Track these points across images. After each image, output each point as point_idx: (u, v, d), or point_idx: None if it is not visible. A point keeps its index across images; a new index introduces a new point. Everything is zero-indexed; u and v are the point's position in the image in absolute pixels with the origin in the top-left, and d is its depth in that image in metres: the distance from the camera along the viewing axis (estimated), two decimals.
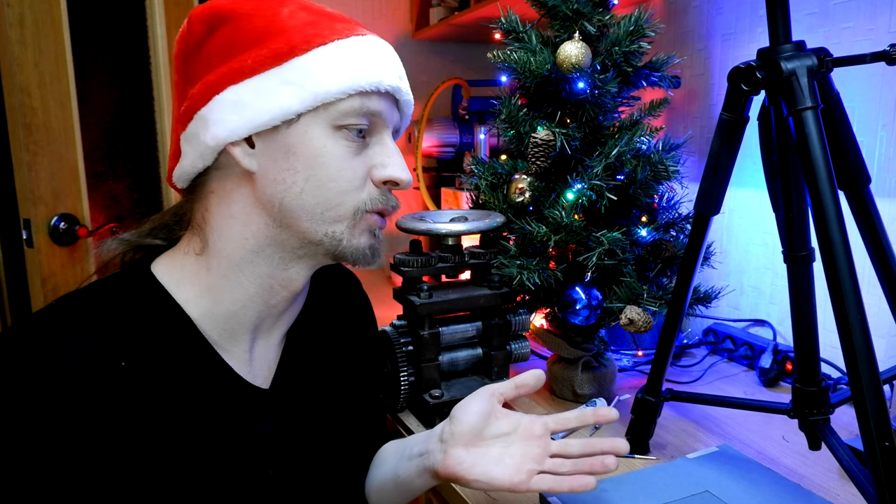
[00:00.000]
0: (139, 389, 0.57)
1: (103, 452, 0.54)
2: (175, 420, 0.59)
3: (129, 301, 0.61)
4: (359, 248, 0.65)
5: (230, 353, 0.65)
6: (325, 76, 0.60)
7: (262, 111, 0.60)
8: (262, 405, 0.67)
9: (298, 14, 0.62)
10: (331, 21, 0.63)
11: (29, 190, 1.44)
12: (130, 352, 0.58)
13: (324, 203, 0.62)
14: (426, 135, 1.87)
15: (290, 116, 0.60)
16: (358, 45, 0.63)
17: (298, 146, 0.61)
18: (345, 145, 0.62)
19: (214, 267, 0.63)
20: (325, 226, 0.63)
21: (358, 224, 0.65)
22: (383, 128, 0.66)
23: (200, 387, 0.62)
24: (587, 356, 1.09)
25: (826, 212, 0.65)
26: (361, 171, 0.64)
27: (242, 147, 0.62)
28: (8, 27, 1.37)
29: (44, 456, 0.52)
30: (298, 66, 0.60)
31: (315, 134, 0.61)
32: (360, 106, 0.62)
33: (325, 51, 0.61)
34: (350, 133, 0.62)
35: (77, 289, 0.62)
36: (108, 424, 0.55)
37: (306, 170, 0.61)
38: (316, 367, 0.74)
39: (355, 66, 0.61)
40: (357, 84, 0.61)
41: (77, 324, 0.57)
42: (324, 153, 0.61)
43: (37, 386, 0.53)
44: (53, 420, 0.53)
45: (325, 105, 0.61)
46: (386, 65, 0.64)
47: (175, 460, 0.58)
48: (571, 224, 0.99)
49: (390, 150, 0.66)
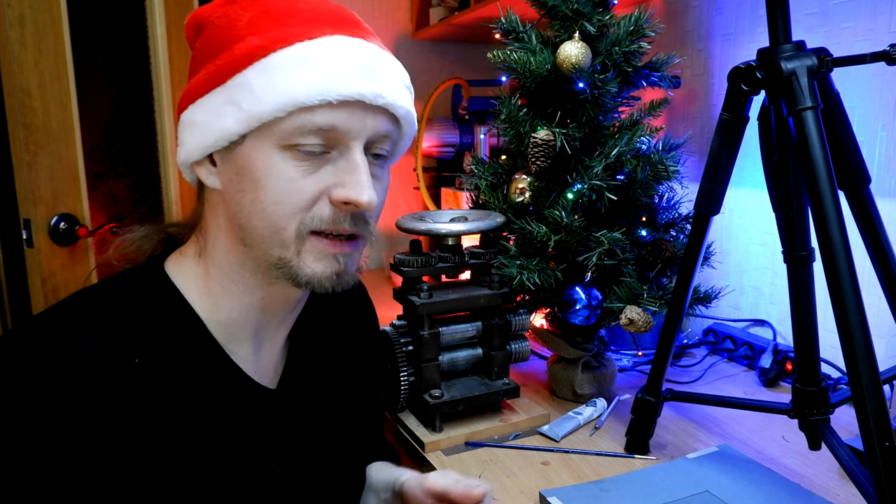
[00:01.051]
0: (151, 387, 0.57)
1: (115, 448, 0.54)
2: (185, 418, 0.59)
3: (143, 299, 0.61)
4: (312, 275, 0.60)
5: (237, 354, 0.65)
6: (263, 94, 0.55)
7: (208, 132, 0.58)
8: (270, 405, 0.67)
9: (259, 20, 0.58)
10: (286, 25, 0.57)
11: (29, 190, 1.44)
12: (143, 349, 0.58)
13: (270, 226, 0.58)
14: (426, 135, 1.87)
15: (234, 138, 0.58)
16: (304, 54, 0.56)
17: (245, 167, 0.58)
18: (293, 166, 0.57)
19: (212, 273, 0.64)
20: (276, 249, 0.59)
21: (306, 249, 0.59)
22: (350, 141, 0.58)
23: (211, 386, 0.62)
24: (587, 356, 1.09)
25: (826, 212, 0.65)
26: (312, 190, 0.58)
27: (206, 166, 0.61)
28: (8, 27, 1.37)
29: (57, 450, 0.52)
30: (240, 84, 0.56)
31: (259, 155, 0.57)
32: (305, 123, 0.56)
33: (264, 64, 0.56)
34: (301, 153, 0.57)
35: (91, 285, 0.63)
36: (120, 420, 0.55)
37: (252, 191, 0.58)
38: (321, 369, 0.74)
39: (296, 79, 0.55)
40: (295, 101, 0.55)
41: (92, 320, 0.57)
42: (267, 175, 0.57)
43: (52, 381, 0.53)
44: (67, 415, 0.53)
45: (267, 125, 0.56)
46: (342, 70, 0.56)
47: (184, 458, 0.59)
48: (571, 224, 0.99)
49: (352, 166, 0.58)
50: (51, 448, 0.52)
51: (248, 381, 0.65)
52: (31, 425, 0.52)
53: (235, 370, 0.64)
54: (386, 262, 2.04)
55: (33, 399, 0.52)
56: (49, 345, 0.55)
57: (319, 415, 0.73)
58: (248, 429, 0.64)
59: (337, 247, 0.60)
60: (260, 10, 0.59)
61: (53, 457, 0.52)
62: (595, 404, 1.06)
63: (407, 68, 0.67)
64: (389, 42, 2.07)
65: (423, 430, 0.99)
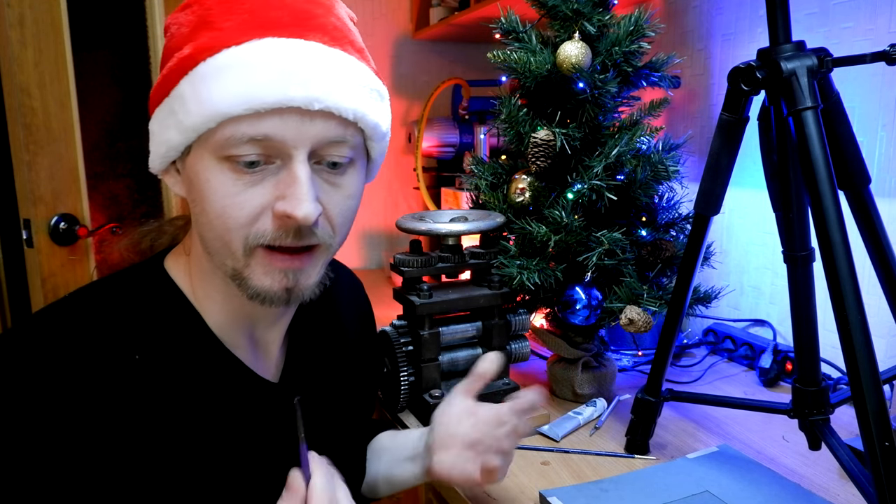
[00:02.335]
0: (152, 382, 0.57)
1: (117, 443, 0.54)
2: (188, 413, 0.59)
3: (143, 295, 0.62)
4: (261, 288, 0.58)
5: (236, 347, 0.65)
6: (192, 105, 0.54)
7: (160, 144, 0.59)
8: (272, 399, 0.67)
9: (195, 27, 0.56)
10: (218, 29, 0.55)
11: (29, 190, 1.44)
12: (143, 346, 0.58)
13: (218, 239, 0.57)
14: (426, 135, 1.87)
15: (179, 149, 0.57)
16: (230, 60, 0.53)
17: (191, 179, 0.58)
18: (232, 179, 0.55)
19: (196, 274, 0.64)
20: (228, 261, 0.58)
21: (253, 263, 0.57)
22: (289, 150, 0.55)
23: (213, 381, 0.62)
24: (587, 356, 1.09)
25: (826, 212, 0.65)
26: (253, 205, 0.55)
27: (172, 174, 0.62)
28: (8, 27, 1.37)
29: (58, 446, 0.52)
30: (176, 95, 0.56)
31: (200, 168, 0.56)
32: (235, 133, 0.53)
33: (194, 74, 0.54)
34: (237, 164, 0.55)
35: (91, 282, 0.63)
36: (121, 416, 0.55)
37: (199, 203, 0.57)
38: (320, 363, 0.75)
39: (220, 88, 0.53)
40: (219, 110, 0.53)
41: (92, 317, 0.58)
42: (208, 188, 0.56)
43: (52, 377, 0.53)
44: (68, 411, 0.53)
45: (203, 136, 0.55)
46: (269, 76, 0.53)
47: (188, 452, 0.59)
48: (571, 224, 0.99)
49: (291, 178, 0.55)
50: (52, 444, 0.52)
51: (250, 375, 0.65)
52: (32, 421, 0.52)
53: (237, 365, 0.64)
54: (386, 262, 2.04)
55: (34, 395, 0.52)
56: (49, 341, 0.55)
57: (321, 407, 0.73)
58: (251, 422, 0.65)
59: (286, 262, 0.58)
60: (200, 15, 0.57)
61: (55, 452, 0.52)
62: (595, 404, 1.06)
63: (407, 68, 0.66)
64: (389, 42, 2.07)
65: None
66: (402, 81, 2.10)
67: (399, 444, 0.85)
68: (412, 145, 1.91)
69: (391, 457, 0.84)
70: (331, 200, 0.59)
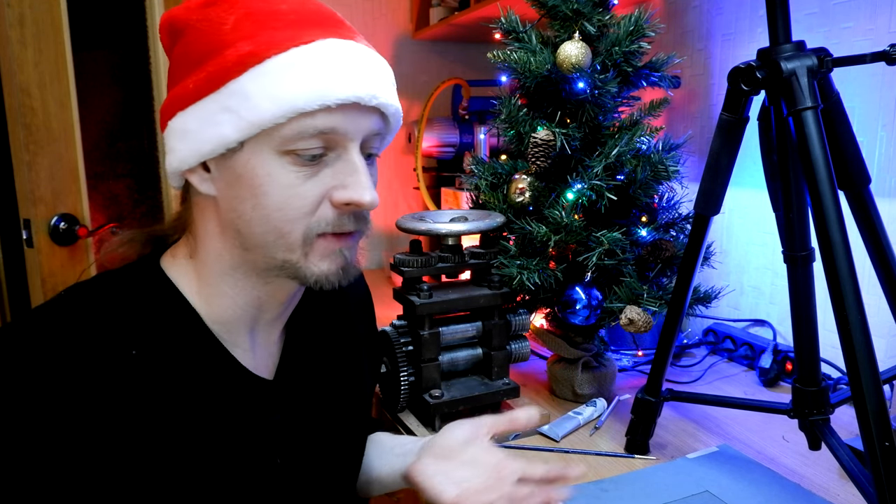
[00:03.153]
0: (149, 379, 0.57)
1: (113, 440, 0.55)
2: (184, 410, 0.59)
3: (139, 292, 0.61)
4: (320, 274, 0.61)
5: (234, 346, 0.65)
6: (260, 101, 0.55)
7: (204, 141, 0.58)
8: (268, 396, 0.67)
9: (243, 23, 0.57)
10: (275, 29, 0.57)
11: (29, 190, 1.44)
12: (140, 342, 0.58)
13: (272, 231, 0.59)
14: (426, 135, 1.87)
15: (232, 145, 0.57)
16: (298, 59, 0.56)
17: (244, 174, 0.58)
18: (293, 171, 0.57)
19: (203, 274, 0.64)
20: (281, 252, 0.60)
21: (313, 250, 0.60)
22: (347, 142, 0.59)
23: (208, 378, 0.62)
24: (587, 356, 1.09)
25: (826, 212, 0.65)
26: (314, 195, 0.59)
27: (199, 173, 0.61)
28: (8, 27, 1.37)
29: (54, 443, 0.52)
30: (235, 91, 0.56)
31: (258, 162, 0.57)
32: (306, 128, 0.56)
33: (259, 71, 0.55)
34: (299, 158, 0.57)
35: (87, 279, 0.63)
36: (117, 412, 0.55)
37: (252, 199, 0.58)
38: (317, 358, 0.75)
39: (293, 85, 0.55)
40: (294, 107, 0.55)
41: (88, 313, 0.58)
42: (268, 182, 0.57)
43: (48, 373, 0.53)
44: (64, 407, 0.53)
45: (266, 131, 0.56)
46: (338, 73, 0.56)
47: (184, 449, 0.59)
48: (571, 224, 0.99)
49: (352, 167, 0.59)
50: (48, 440, 0.52)
51: (245, 373, 0.65)
52: (28, 417, 0.52)
53: (232, 362, 0.65)
54: (386, 262, 2.04)
55: (29, 391, 0.52)
56: (46, 337, 0.55)
57: (317, 403, 0.73)
58: (247, 419, 0.65)
59: (340, 241, 0.61)
60: (242, 12, 0.57)
61: (51, 449, 0.52)
62: (595, 404, 1.06)
63: (407, 68, 0.68)
64: (389, 42, 2.07)
65: (423, 430, 0.99)
66: (402, 81, 2.09)
67: (396, 442, 0.84)
68: (412, 145, 1.91)
69: (382, 451, 0.84)
70: None
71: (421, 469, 0.71)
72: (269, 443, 0.66)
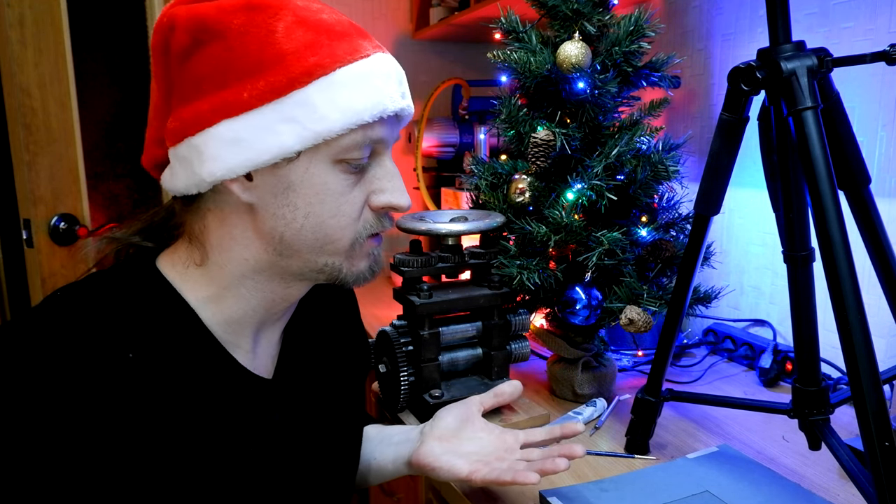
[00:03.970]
0: (147, 381, 0.57)
1: (111, 442, 0.54)
2: (183, 410, 0.59)
3: (135, 294, 0.61)
4: (359, 273, 0.66)
5: (233, 346, 0.65)
6: (328, 112, 0.56)
7: (261, 150, 0.57)
8: (267, 395, 0.68)
9: (295, 32, 0.57)
10: (331, 40, 0.58)
11: (29, 190, 1.44)
12: (138, 344, 0.58)
13: (323, 238, 0.62)
14: (426, 135, 1.87)
15: (290, 155, 0.58)
16: (362, 71, 0.58)
17: (299, 183, 0.59)
18: (343, 179, 0.61)
19: (216, 279, 0.63)
20: (325, 257, 0.63)
21: (356, 252, 0.65)
22: (384, 150, 0.64)
23: (207, 378, 0.62)
24: (587, 356, 1.09)
25: (826, 212, 0.64)
26: (360, 200, 0.63)
27: (240, 182, 0.59)
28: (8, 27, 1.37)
29: (52, 445, 0.52)
30: (299, 101, 0.56)
31: (316, 171, 0.59)
32: (363, 138, 0.59)
33: (326, 82, 0.57)
34: (350, 166, 0.60)
35: (79, 279, 0.62)
36: (116, 414, 0.55)
37: (306, 206, 0.60)
38: (311, 359, 0.76)
39: (359, 97, 0.58)
40: (360, 118, 0.58)
41: (84, 315, 0.57)
42: (324, 190, 0.60)
43: (45, 376, 0.53)
44: (62, 410, 0.53)
45: (326, 141, 0.58)
46: (390, 87, 0.60)
47: (183, 450, 0.59)
48: (571, 224, 0.99)
49: (389, 173, 0.64)
50: (46, 442, 0.52)
51: (244, 373, 0.66)
52: (25, 420, 0.52)
53: (231, 362, 0.65)
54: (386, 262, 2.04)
55: (26, 394, 0.52)
56: (41, 340, 0.55)
57: (315, 401, 0.74)
58: (246, 419, 0.65)
59: (375, 241, 0.67)
60: (291, 20, 0.57)
61: (48, 451, 0.52)
62: (595, 404, 1.06)
63: (407, 68, 0.68)
64: (389, 42, 2.07)
65: None
66: None
67: (388, 431, 0.86)
68: (412, 145, 1.91)
69: (378, 442, 0.85)
70: None
71: (427, 451, 0.75)
72: (268, 442, 0.66)
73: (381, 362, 1.03)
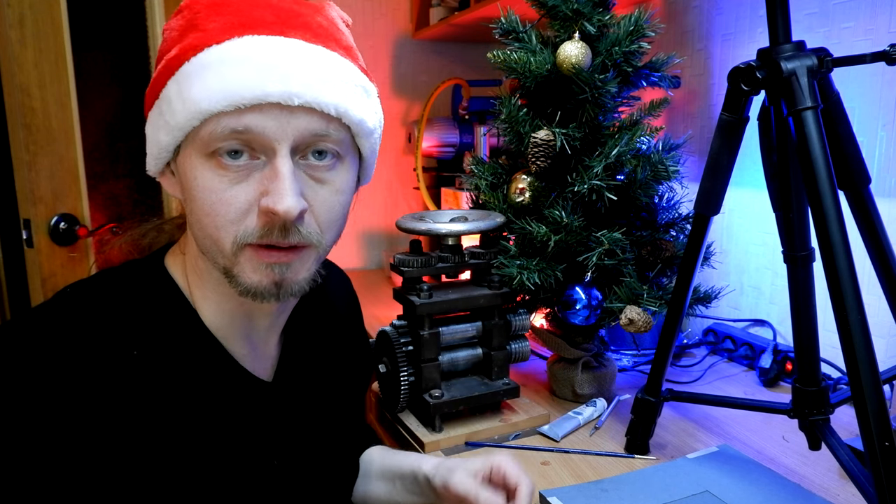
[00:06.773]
0: (150, 378, 0.57)
1: (112, 439, 0.55)
2: (183, 410, 0.59)
3: (141, 292, 0.62)
4: (250, 285, 0.58)
5: (233, 348, 0.65)
6: (177, 104, 0.55)
7: (153, 146, 0.60)
8: (267, 397, 0.68)
9: (183, 30, 0.57)
10: (203, 31, 0.56)
11: (29, 190, 1.44)
12: (142, 342, 0.58)
13: (207, 237, 0.58)
14: (426, 135, 1.87)
15: (169, 150, 0.58)
16: (208, 59, 0.54)
17: (183, 179, 0.59)
18: (219, 174, 0.55)
19: (192, 273, 0.64)
20: (220, 259, 0.58)
21: (241, 260, 0.57)
22: (273, 144, 0.55)
23: (208, 379, 0.62)
24: (587, 356, 1.09)
25: (826, 212, 0.64)
26: (241, 201, 0.56)
27: (168, 176, 0.62)
28: (8, 27, 1.37)
29: (54, 441, 0.53)
30: (164, 96, 0.57)
31: (189, 166, 0.57)
32: (216, 128, 0.54)
33: (178, 75, 0.56)
34: (222, 161, 0.55)
35: (89, 277, 0.63)
36: (117, 412, 0.55)
37: (189, 203, 0.58)
38: (313, 362, 0.75)
39: (200, 86, 0.54)
40: (199, 108, 0.54)
41: (91, 312, 0.58)
42: (196, 185, 0.56)
43: (49, 371, 0.53)
44: (64, 406, 0.53)
45: (190, 135, 0.56)
46: (247, 72, 0.53)
47: (183, 450, 0.59)
48: (571, 224, 0.99)
49: (273, 172, 0.55)
50: (47, 439, 0.52)
51: (244, 374, 0.66)
52: (28, 416, 0.52)
53: (232, 363, 0.65)
54: (386, 262, 2.04)
55: (30, 390, 0.52)
56: (47, 336, 0.55)
57: (314, 405, 0.74)
58: (245, 421, 0.65)
59: (272, 257, 0.57)
60: (188, 18, 0.58)
61: (49, 448, 0.52)
62: (595, 404, 1.06)
63: (407, 68, 0.66)
64: (389, 42, 2.07)
65: (423, 430, 0.99)
66: (402, 81, 2.10)
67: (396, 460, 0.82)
68: (412, 145, 1.91)
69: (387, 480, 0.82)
70: (317, 197, 0.58)
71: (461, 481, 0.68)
72: (267, 444, 0.66)
73: (381, 362, 1.03)
